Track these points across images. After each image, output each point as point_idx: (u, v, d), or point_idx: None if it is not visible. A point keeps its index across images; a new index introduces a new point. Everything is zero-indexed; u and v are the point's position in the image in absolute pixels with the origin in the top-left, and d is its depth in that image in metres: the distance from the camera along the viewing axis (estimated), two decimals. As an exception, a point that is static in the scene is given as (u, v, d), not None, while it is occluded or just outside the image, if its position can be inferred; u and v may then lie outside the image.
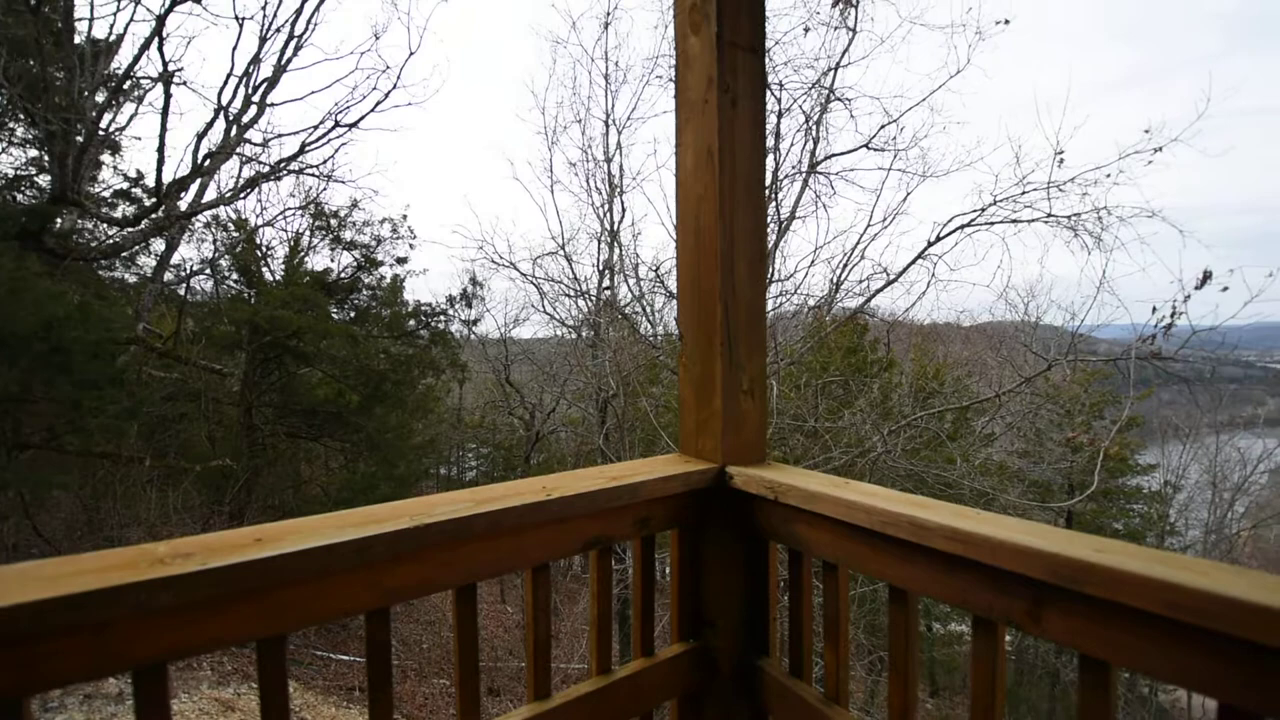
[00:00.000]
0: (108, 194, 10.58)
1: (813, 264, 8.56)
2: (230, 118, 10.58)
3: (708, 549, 1.47)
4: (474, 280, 13.48)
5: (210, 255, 11.56)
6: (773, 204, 8.44)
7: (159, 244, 10.80)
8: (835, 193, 8.43)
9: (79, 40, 8.89)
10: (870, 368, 10.96)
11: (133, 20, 9.33)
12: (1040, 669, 14.32)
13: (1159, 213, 6.62)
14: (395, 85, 10.84)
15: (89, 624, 0.76)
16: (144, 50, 9.36)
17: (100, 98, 9.36)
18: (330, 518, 0.99)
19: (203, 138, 10.21)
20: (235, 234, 11.82)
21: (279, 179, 11.59)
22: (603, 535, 1.29)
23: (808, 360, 9.39)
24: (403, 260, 12.92)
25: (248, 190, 11.31)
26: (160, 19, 8.92)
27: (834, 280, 8.53)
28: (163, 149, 9.23)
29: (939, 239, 7.66)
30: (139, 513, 9.56)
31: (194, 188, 10.48)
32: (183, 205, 10.29)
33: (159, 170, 9.34)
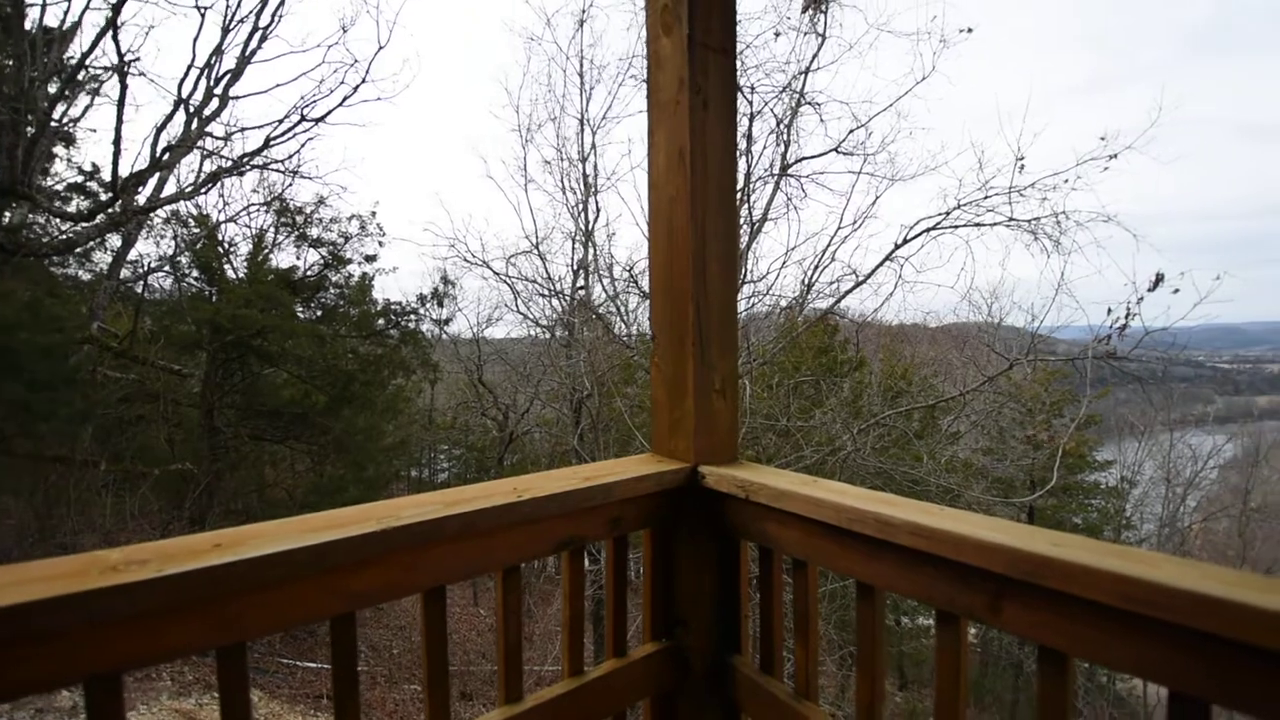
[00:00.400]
0: (60, 187, 10.18)
1: (784, 265, 8.66)
2: (191, 110, 10.24)
3: (680, 548, 1.47)
4: (445, 279, 13.28)
5: (169, 252, 11.20)
6: (745, 206, 8.51)
7: (115, 240, 10.41)
8: (806, 195, 8.55)
9: (29, 27, 8.52)
10: (841, 368, 11.14)
11: (88, 8, 8.97)
12: (1004, 660, 14.72)
13: (1114, 217, 6.87)
14: (364, 80, 10.62)
15: (38, 634, 0.73)
16: (99, 39, 9.01)
17: (52, 88, 8.99)
18: (293, 522, 0.96)
19: (161, 130, 9.87)
20: (196, 230, 11.47)
21: (242, 174, 11.26)
22: (575, 536, 1.29)
23: (780, 360, 9.50)
24: (372, 258, 12.68)
25: (209, 185, 10.96)
26: (116, 7, 8.59)
27: (805, 281, 8.65)
28: (119, 141, 8.90)
29: (906, 241, 7.82)
30: (94, 519, 9.22)
31: (152, 182, 10.12)
32: (140, 200, 9.93)
33: (115, 163, 9.00)
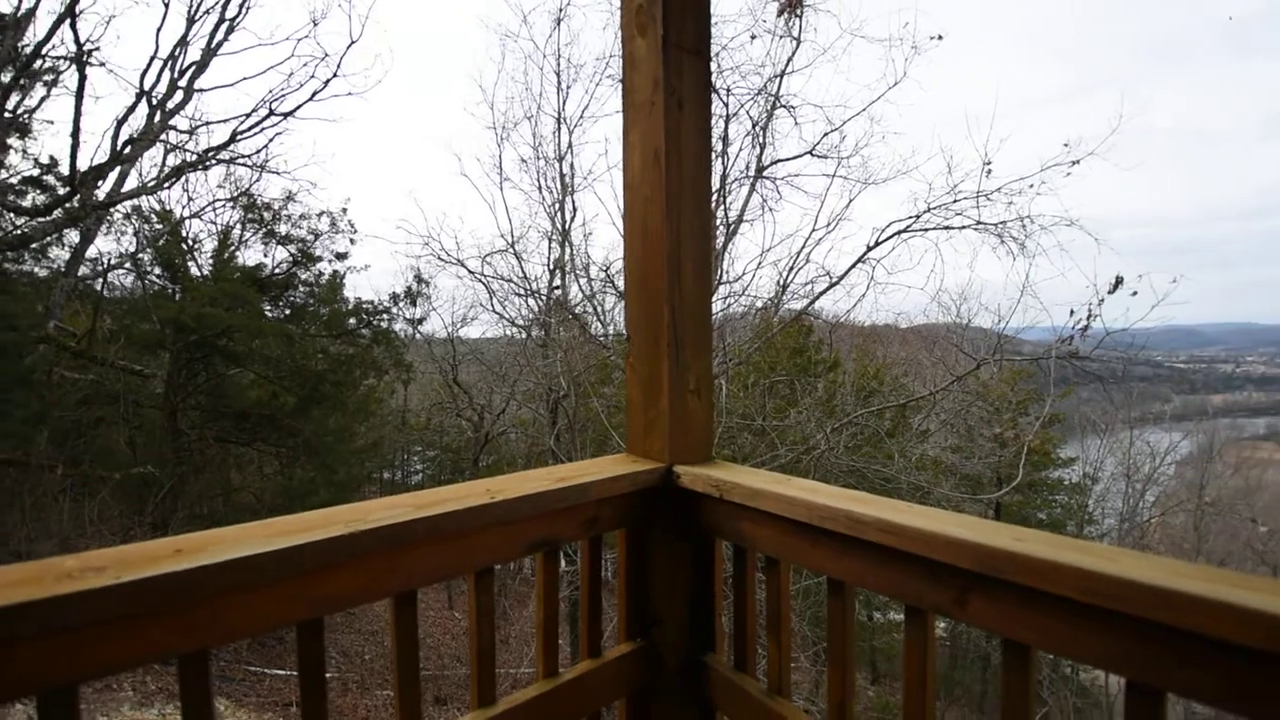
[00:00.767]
0: (15, 181, 9.78)
1: (760, 266, 8.71)
2: (153, 103, 9.95)
3: (655, 548, 1.47)
4: (419, 278, 13.07)
5: (130, 248, 10.86)
6: (721, 207, 8.56)
7: (73, 235, 10.06)
8: (781, 197, 8.61)
9: (-21, 13, 8.18)
10: (815, 368, 11.28)
11: (43, -6, 8.64)
12: (973, 653, 15.07)
13: (1077, 222, 7.07)
14: (335, 74, 10.43)
15: (-13, 645, 0.70)
16: (56, 27, 8.70)
17: (6, 77, 8.65)
18: (258, 526, 0.94)
19: (123, 123, 9.57)
20: (158, 226, 11.13)
21: (207, 169, 10.98)
22: (549, 537, 1.28)
23: (755, 360, 9.57)
24: (342, 256, 12.46)
25: (172, 180, 10.66)
26: (73, -6, 8.30)
27: (780, 282, 8.72)
28: (77, 134, 8.60)
29: (878, 244, 7.94)
30: (50, 525, 8.90)
31: (113, 176, 9.81)
32: (100, 194, 9.61)
33: (73, 156, 8.70)
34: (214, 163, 10.91)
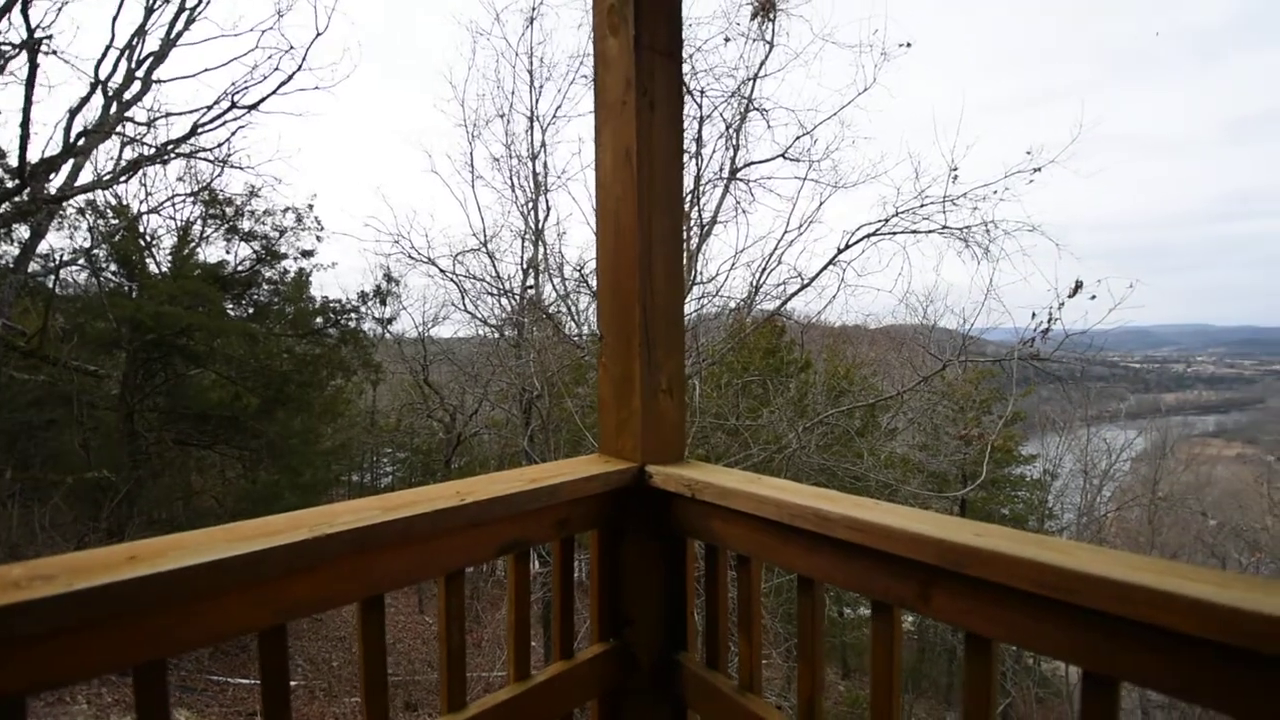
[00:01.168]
0: (-43, 172, 9.33)
1: (733, 267, 8.78)
2: (109, 93, 9.59)
3: (627, 548, 1.48)
4: (389, 276, 12.84)
5: (85, 244, 10.45)
6: (695, 209, 8.60)
7: (23, 230, 9.63)
8: (755, 199, 8.68)
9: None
10: (787, 368, 11.41)
11: (-12, -22, 8.26)
12: (940, 647, 15.40)
13: (1038, 227, 7.27)
14: (300, 67, 10.17)
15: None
16: (4, 13, 8.32)
17: (-54, 63, 8.24)
18: (217, 531, 0.92)
19: (76, 114, 9.20)
20: (114, 221, 10.74)
21: (166, 162, 10.62)
22: (520, 538, 1.27)
23: (729, 360, 9.64)
24: (308, 253, 12.18)
25: (129, 173, 10.28)
26: (22, -21, 7.96)
27: (753, 284, 8.79)
28: (27, 124, 8.24)
29: (848, 246, 8.07)
30: (-4, 532, 8.50)
31: (66, 169, 9.42)
32: (52, 188, 9.22)
33: (23, 148, 8.33)
34: (173, 156, 10.56)
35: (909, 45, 7.69)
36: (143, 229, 11.05)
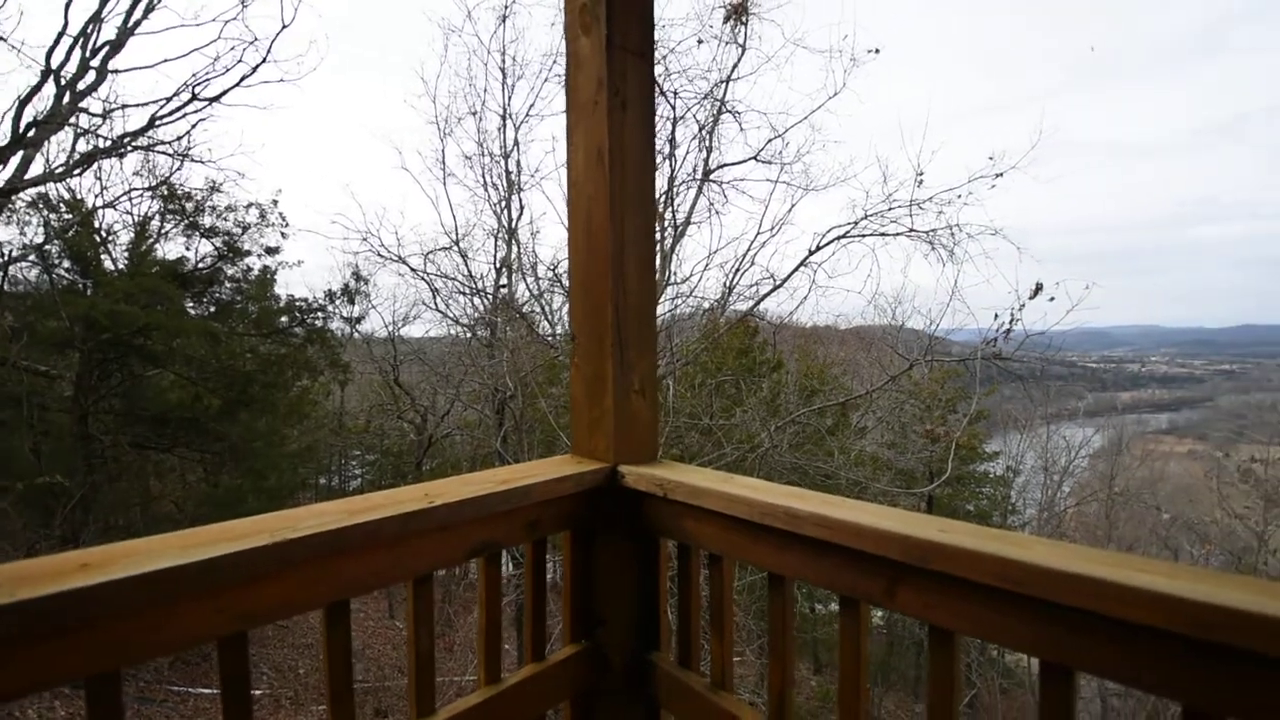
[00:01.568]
0: (-106, 163, 8.86)
1: (707, 268, 8.82)
2: (62, 83, 9.21)
3: (600, 548, 1.47)
4: (357, 275, 12.57)
5: (36, 239, 10.01)
6: (669, 209, 8.62)
7: (-35, 225, 9.19)
8: (728, 201, 8.75)
9: None
10: (760, 368, 11.52)
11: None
12: (908, 640, 15.71)
13: (1000, 231, 7.47)
14: (265, 59, 9.89)
15: None
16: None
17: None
18: (174, 537, 0.89)
19: (26, 104, 8.81)
20: (68, 216, 10.32)
21: (122, 155, 10.24)
22: (490, 541, 1.26)
23: (703, 360, 9.69)
24: (273, 250, 11.85)
25: (83, 167, 9.89)
26: (-34, -39, 7.60)
27: (727, 284, 8.84)
28: (-30, 114, 7.88)
29: (819, 248, 8.18)
30: (-62, 541, 8.10)
31: (15, 161, 9.02)
32: (-2, 180, 8.83)
33: (-35, 139, 7.96)
34: (130, 149, 10.18)
35: (877, 51, 7.83)
36: (98, 224, 10.64)
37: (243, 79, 9.94)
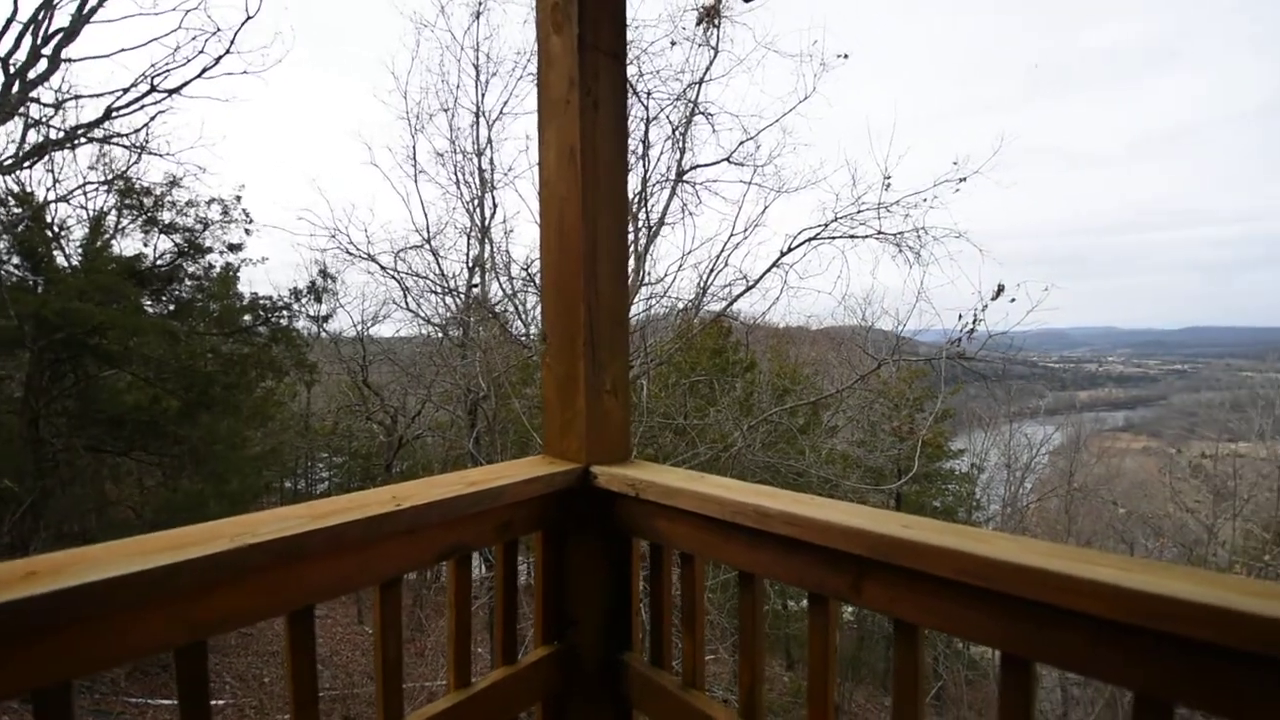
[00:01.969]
0: None
1: (680, 269, 8.86)
2: (11, 71, 8.84)
3: (572, 549, 1.47)
4: (324, 272, 12.29)
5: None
6: (643, 210, 8.64)
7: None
8: (701, 202, 8.79)
9: None
10: (733, 368, 11.62)
11: None
12: (878, 635, 15.99)
13: (964, 234, 7.66)
14: (228, 50, 9.64)
15: None
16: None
17: None
18: (127, 543, 0.86)
19: (-31, 92, 8.44)
20: (17, 210, 9.87)
21: (75, 147, 9.86)
22: (460, 544, 1.25)
23: (677, 360, 9.73)
24: (236, 247, 11.51)
25: (34, 159, 9.50)
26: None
27: (700, 285, 8.90)
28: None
29: (790, 250, 8.28)
30: (-127, 551, 7.69)
31: (-44, 152, 8.63)
32: (-61, 172, 8.42)
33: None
34: (84, 141, 9.82)
35: (846, 57, 7.97)
36: (50, 219, 10.21)
37: (204, 70, 9.68)
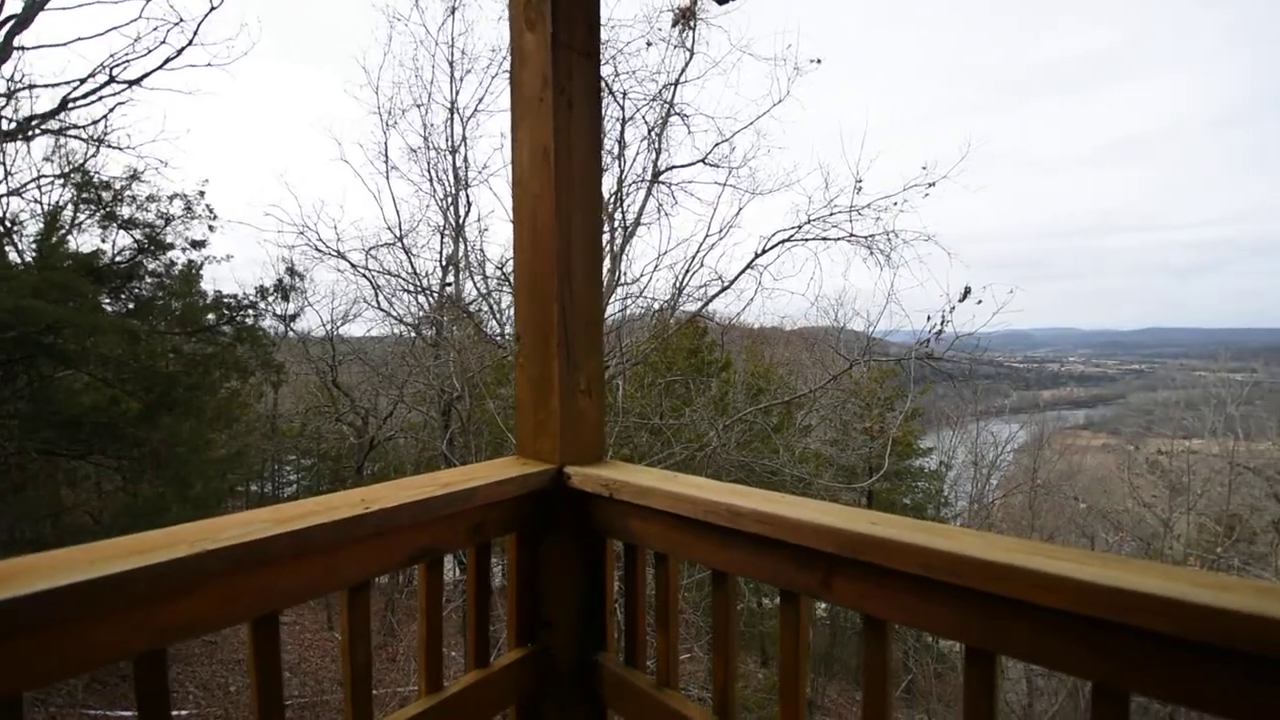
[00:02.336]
0: None
1: (656, 269, 8.87)
2: (-45, 58, 8.45)
3: (546, 550, 1.46)
4: (292, 270, 12.01)
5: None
6: (619, 210, 8.63)
7: None
8: (677, 202, 8.82)
9: None
10: (708, 367, 11.68)
11: None
12: (850, 630, 16.23)
13: (933, 237, 7.83)
14: (191, 41, 9.37)
15: None
16: None
17: None
18: (83, 550, 0.83)
19: (-88, 79, 8.05)
20: (-37, 204, 9.46)
21: (29, 139, 9.49)
22: (431, 546, 1.23)
23: (652, 360, 9.74)
24: (199, 244, 11.19)
25: (-18, 151, 9.11)
26: None
27: (676, 285, 8.92)
28: None
29: (764, 251, 8.36)
30: None
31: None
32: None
33: None
34: (38, 132, 9.45)
35: (819, 61, 8.06)
36: (1, 213, 9.81)
37: (166, 61, 9.40)
